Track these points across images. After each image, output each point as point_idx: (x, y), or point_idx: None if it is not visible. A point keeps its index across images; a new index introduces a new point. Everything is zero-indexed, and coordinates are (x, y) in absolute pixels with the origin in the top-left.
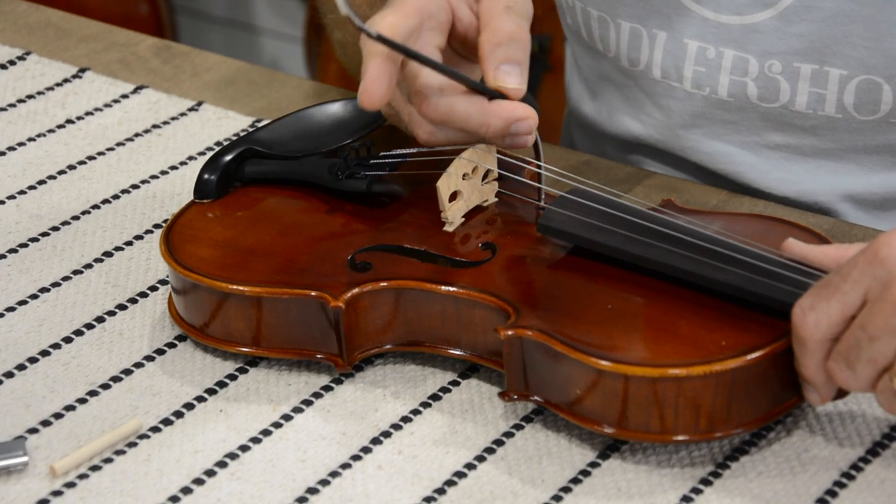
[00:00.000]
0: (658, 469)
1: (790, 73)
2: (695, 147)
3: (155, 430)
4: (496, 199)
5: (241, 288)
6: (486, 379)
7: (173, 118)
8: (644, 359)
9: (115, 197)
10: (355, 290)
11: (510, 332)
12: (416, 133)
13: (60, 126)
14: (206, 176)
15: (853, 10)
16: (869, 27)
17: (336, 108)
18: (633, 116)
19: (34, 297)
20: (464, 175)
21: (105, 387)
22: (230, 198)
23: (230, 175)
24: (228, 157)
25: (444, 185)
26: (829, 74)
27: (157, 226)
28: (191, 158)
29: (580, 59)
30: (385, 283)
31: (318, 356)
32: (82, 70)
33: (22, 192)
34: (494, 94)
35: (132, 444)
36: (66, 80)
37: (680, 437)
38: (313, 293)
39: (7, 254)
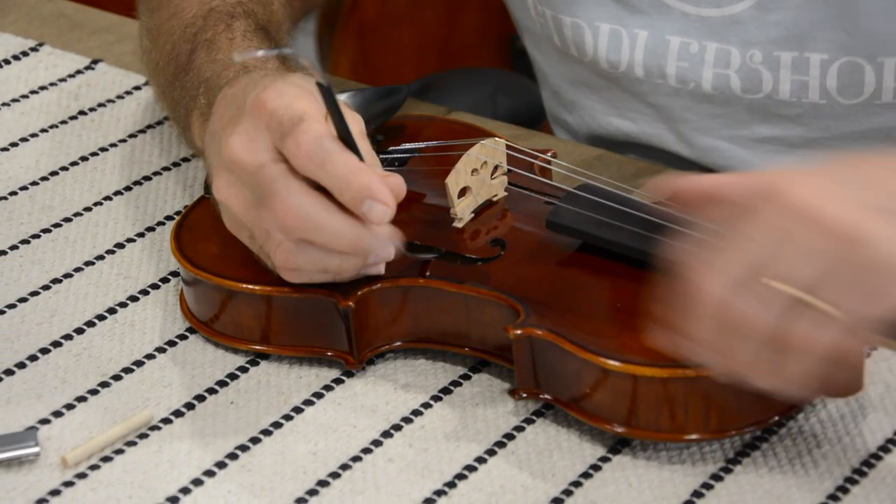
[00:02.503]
0: (669, 464)
1: (771, 62)
2: (688, 141)
3: (166, 421)
4: (505, 194)
5: (251, 287)
6: (496, 373)
7: None
8: (654, 359)
9: (128, 188)
10: (365, 289)
11: (519, 332)
12: (272, 257)
13: (73, 117)
14: None
15: None
16: (845, 9)
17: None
18: (621, 116)
19: (46, 287)
20: (473, 171)
21: (116, 378)
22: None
23: None
24: None
25: (453, 182)
26: (810, 60)
27: (168, 217)
28: None
29: (548, 68)
30: (394, 281)
31: (329, 354)
32: (95, 61)
33: (34, 184)
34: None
35: (143, 436)
36: (78, 72)
37: (691, 437)
38: (323, 292)
39: (19, 245)
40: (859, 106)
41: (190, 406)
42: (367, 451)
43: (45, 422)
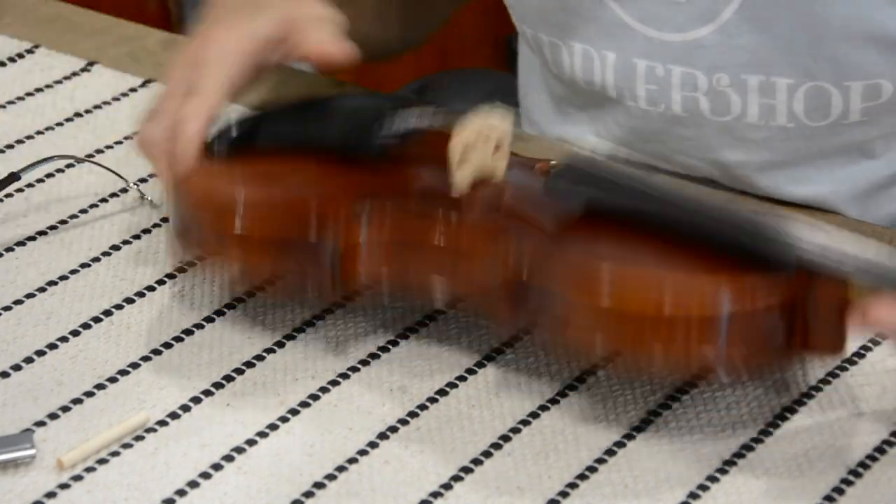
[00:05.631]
0: (664, 466)
1: (738, 85)
2: (658, 164)
3: (162, 423)
4: (506, 171)
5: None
6: (493, 375)
7: None
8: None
9: (124, 190)
10: (357, 239)
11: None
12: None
13: (69, 119)
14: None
15: (793, 19)
16: (811, 35)
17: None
18: (597, 134)
19: (42, 290)
20: (475, 142)
21: (112, 380)
22: (233, 158)
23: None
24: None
25: (456, 148)
26: (777, 85)
27: (164, 220)
28: None
29: (548, 80)
30: (387, 236)
31: (308, 282)
32: (91, 63)
33: (30, 185)
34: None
35: (139, 438)
36: (74, 74)
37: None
38: (314, 235)
39: (15, 246)
40: (826, 127)
41: (186, 408)
42: (363, 452)
43: (40, 424)
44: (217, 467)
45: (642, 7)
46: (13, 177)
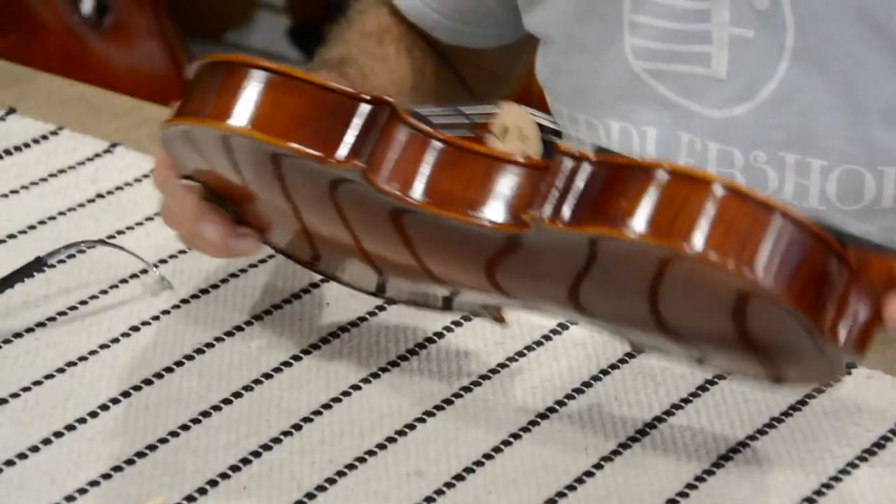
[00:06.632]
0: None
1: (776, 162)
2: None
3: None
4: None
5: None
6: (510, 460)
7: None
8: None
9: (144, 272)
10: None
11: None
12: None
13: (91, 201)
14: None
15: (830, 102)
16: (847, 117)
17: None
18: None
19: (61, 371)
20: (509, 128)
21: (129, 462)
22: None
23: None
24: None
25: (498, 130)
26: (811, 165)
27: (184, 301)
28: None
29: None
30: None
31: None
32: (113, 145)
33: (51, 266)
34: None
35: None
36: (97, 155)
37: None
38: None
39: (35, 327)
40: (857, 212)
41: (202, 491)
42: None
43: None
44: None
45: (684, 83)
46: (39, 262)
